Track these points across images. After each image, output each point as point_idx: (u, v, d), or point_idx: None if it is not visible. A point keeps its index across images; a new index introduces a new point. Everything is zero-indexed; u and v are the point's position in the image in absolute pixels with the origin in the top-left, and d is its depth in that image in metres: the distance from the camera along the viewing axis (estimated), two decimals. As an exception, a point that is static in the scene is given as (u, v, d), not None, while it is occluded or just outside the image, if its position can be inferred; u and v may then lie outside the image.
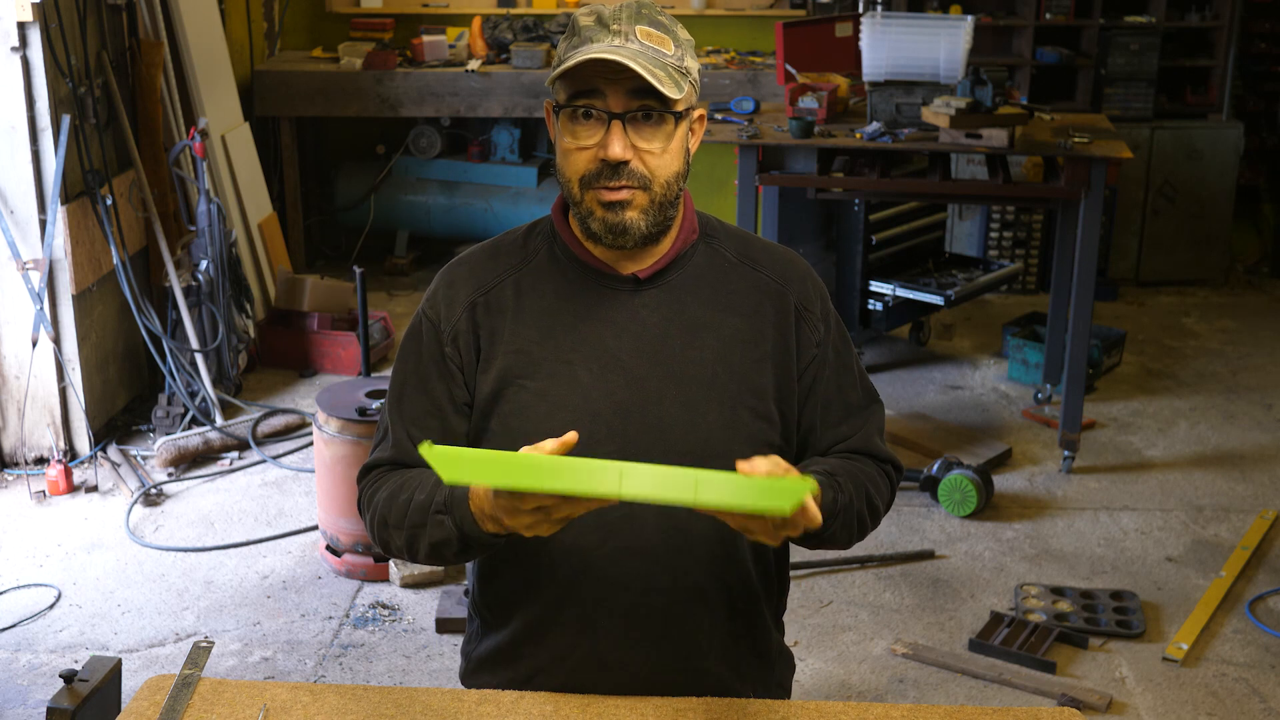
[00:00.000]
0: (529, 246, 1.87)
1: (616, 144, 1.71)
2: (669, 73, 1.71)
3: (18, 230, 4.43)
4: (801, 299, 1.88)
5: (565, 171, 1.77)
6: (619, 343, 1.80)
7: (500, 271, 1.85)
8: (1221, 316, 6.28)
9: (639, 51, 1.69)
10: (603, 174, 1.73)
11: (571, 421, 1.76)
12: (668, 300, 1.83)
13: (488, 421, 1.82)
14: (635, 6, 1.74)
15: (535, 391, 1.79)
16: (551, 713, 1.77)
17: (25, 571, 3.97)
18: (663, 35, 1.73)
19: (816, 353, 1.88)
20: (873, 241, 5.29)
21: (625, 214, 1.74)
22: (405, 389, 1.87)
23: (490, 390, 1.81)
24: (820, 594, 3.87)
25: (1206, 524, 4.32)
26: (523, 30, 6.56)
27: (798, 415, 1.88)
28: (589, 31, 1.71)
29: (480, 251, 1.90)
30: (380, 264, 6.65)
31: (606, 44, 1.70)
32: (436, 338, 1.84)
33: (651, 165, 1.74)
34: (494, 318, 1.83)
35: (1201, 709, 3.39)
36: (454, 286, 1.86)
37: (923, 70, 4.51)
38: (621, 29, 1.70)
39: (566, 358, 1.80)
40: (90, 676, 2.48)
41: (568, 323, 1.81)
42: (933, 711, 1.82)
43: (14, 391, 4.56)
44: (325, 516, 3.97)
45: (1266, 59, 6.84)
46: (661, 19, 1.75)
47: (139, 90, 5.00)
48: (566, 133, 1.74)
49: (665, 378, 1.80)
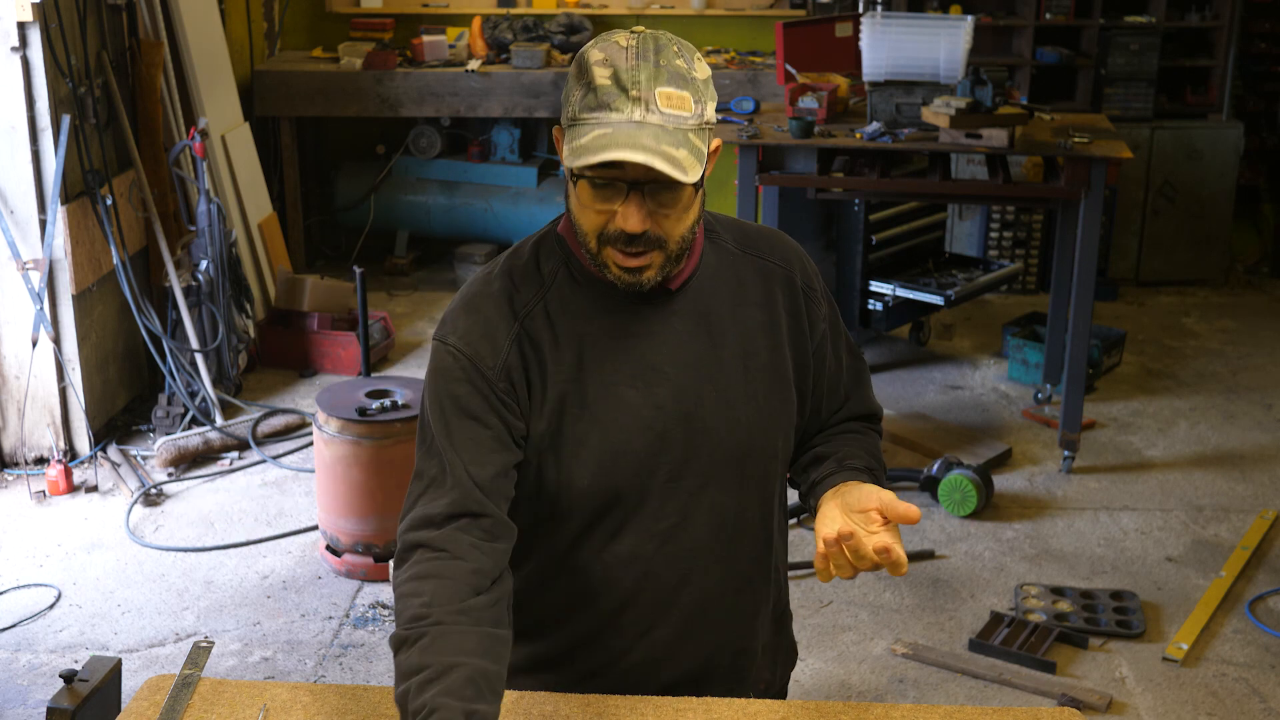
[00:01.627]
0: (544, 270, 1.80)
1: (634, 218, 1.66)
2: (690, 147, 1.64)
3: (18, 230, 4.43)
4: (805, 278, 1.91)
5: (582, 225, 1.72)
6: (658, 355, 1.79)
7: (527, 300, 1.78)
8: (1221, 316, 6.28)
9: (659, 129, 1.62)
10: (620, 238, 1.69)
11: (625, 441, 1.76)
12: (691, 305, 1.82)
13: (547, 455, 1.78)
14: (654, 58, 1.64)
15: (588, 420, 1.76)
16: (551, 713, 1.77)
17: (25, 571, 3.97)
18: (683, 94, 1.64)
19: (824, 327, 1.91)
20: (873, 241, 5.29)
21: (643, 275, 1.73)
22: (453, 426, 1.74)
23: (547, 425, 1.77)
24: (820, 594, 3.87)
25: (1206, 524, 4.32)
26: (523, 30, 6.56)
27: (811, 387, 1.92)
28: (606, 95, 1.63)
29: (496, 280, 1.81)
30: (380, 264, 6.65)
31: (625, 117, 1.62)
32: (482, 375, 1.74)
33: (668, 228, 1.70)
34: (536, 349, 1.77)
35: (1201, 709, 3.39)
36: (489, 322, 1.77)
37: (923, 70, 4.51)
38: (641, 95, 1.62)
39: (611, 379, 1.77)
40: (90, 676, 2.47)
41: (605, 344, 1.78)
42: (933, 711, 1.82)
43: (14, 391, 4.56)
44: (325, 516, 3.96)
45: (1266, 59, 6.84)
46: (679, 65, 1.66)
47: (139, 90, 5.00)
48: (583, 192, 1.69)
49: (703, 381, 1.80)
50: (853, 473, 1.83)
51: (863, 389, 2.00)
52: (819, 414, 1.96)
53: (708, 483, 1.81)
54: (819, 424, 1.97)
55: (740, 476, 1.83)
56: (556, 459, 1.76)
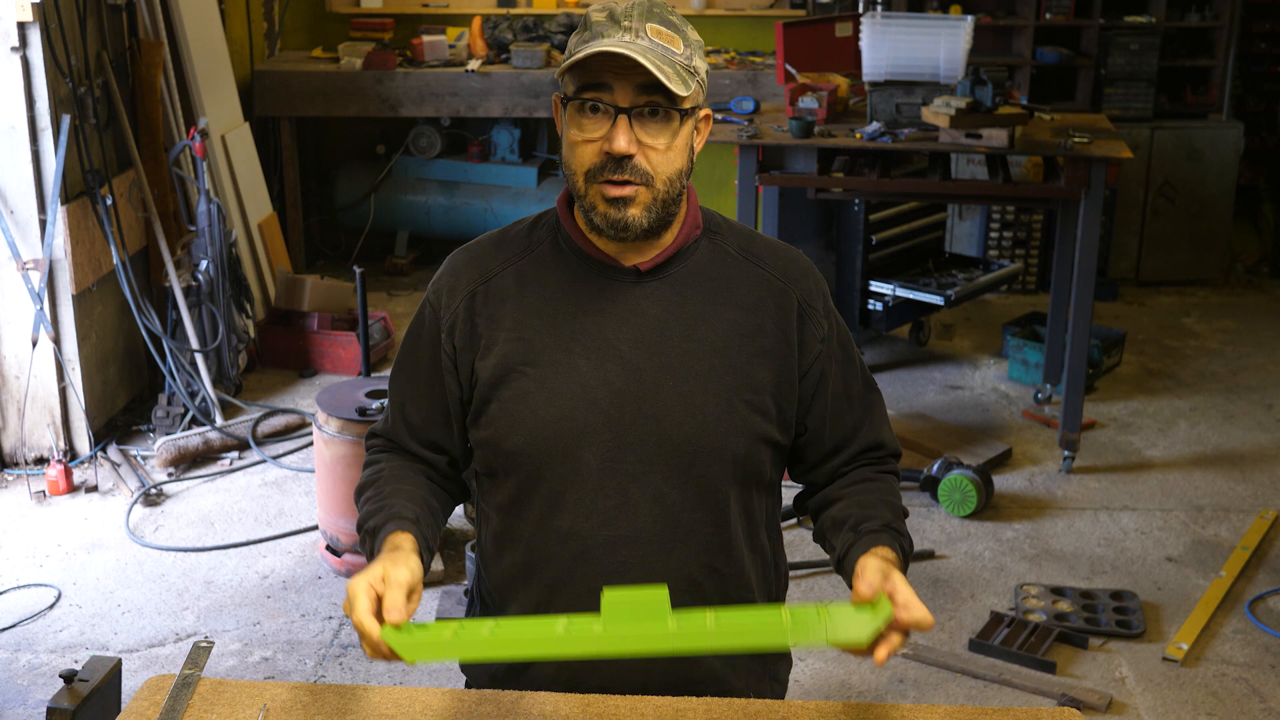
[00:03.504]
0: (533, 236, 1.90)
1: (621, 138, 1.74)
2: (677, 70, 1.74)
3: (18, 230, 4.43)
4: (804, 296, 1.90)
5: (570, 164, 1.80)
6: (618, 333, 1.83)
7: (503, 260, 1.89)
8: (1221, 316, 6.28)
9: (648, 48, 1.73)
10: (607, 167, 1.76)
11: (568, 408, 1.81)
12: (668, 293, 1.85)
13: (487, 406, 1.85)
14: (647, 5, 1.77)
15: (535, 378, 1.82)
16: (551, 713, 1.77)
17: (25, 571, 3.97)
18: (673, 34, 1.76)
19: (821, 348, 1.90)
20: (873, 241, 5.29)
21: (628, 210, 1.77)
22: (403, 371, 1.94)
23: (491, 375, 1.84)
24: (820, 594, 3.87)
25: (1206, 524, 4.32)
26: (523, 30, 6.56)
27: (806, 410, 1.91)
28: (600, 27, 1.74)
29: (487, 240, 1.93)
30: (380, 264, 6.65)
31: (617, 39, 1.72)
32: (435, 324, 1.89)
33: (655, 162, 1.77)
34: (494, 305, 1.86)
35: (1201, 709, 3.39)
36: (457, 275, 1.90)
37: (923, 70, 4.51)
38: (633, 25, 1.74)
39: (566, 346, 1.83)
40: (90, 676, 2.47)
41: (569, 312, 1.84)
42: (933, 711, 1.82)
43: (14, 391, 4.56)
44: (325, 516, 3.97)
45: (1266, 59, 6.84)
46: (672, 18, 1.78)
47: (139, 90, 5.00)
48: (573, 125, 1.77)
49: (663, 369, 1.82)
50: (872, 537, 1.82)
51: (874, 422, 1.97)
52: (820, 443, 1.93)
53: (650, 471, 1.81)
54: (822, 453, 1.94)
55: (686, 472, 1.82)
56: (500, 411, 1.84)
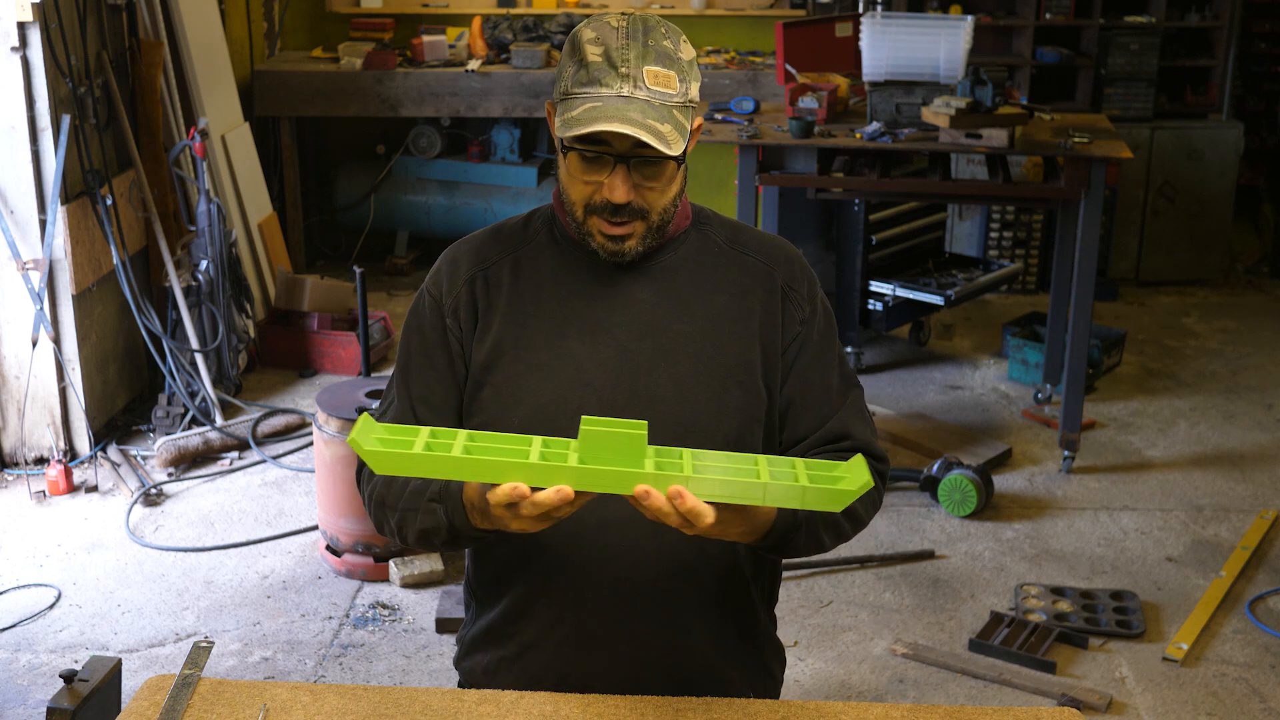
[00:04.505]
0: (529, 229, 1.95)
1: (619, 190, 1.78)
2: (674, 123, 1.74)
3: (18, 230, 4.43)
4: (788, 279, 1.93)
5: (569, 195, 1.83)
6: (611, 316, 1.87)
7: (500, 250, 1.93)
8: (1221, 316, 6.28)
9: (646, 104, 1.73)
10: (605, 209, 1.80)
11: (563, 390, 1.84)
12: (659, 279, 1.90)
13: (481, 390, 1.88)
14: (642, 37, 1.76)
15: (528, 361, 1.86)
16: (551, 713, 1.77)
17: (25, 571, 3.97)
18: (669, 72, 1.75)
19: (800, 330, 1.92)
20: (873, 241, 5.29)
21: (625, 244, 1.83)
22: (410, 362, 1.93)
23: (485, 358, 1.88)
24: (820, 594, 3.87)
25: (1206, 524, 4.32)
26: (523, 30, 6.56)
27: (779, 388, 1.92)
28: (597, 71, 1.74)
29: (483, 233, 1.98)
30: (380, 264, 6.65)
31: (614, 92, 1.72)
32: (438, 311, 1.91)
33: (651, 199, 1.81)
34: (492, 291, 1.90)
35: (1201, 709, 3.39)
36: (455, 264, 1.93)
37: (923, 70, 4.51)
38: (630, 72, 1.73)
39: (560, 329, 1.87)
40: (90, 676, 2.47)
41: (562, 296, 1.88)
42: (933, 711, 1.82)
43: (14, 391, 4.56)
44: (325, 516, 3.97)
45: (1266, 59, 6.84)
46: (666, 45, 1.77)
47: (139, 90, 5.00)
48: (573, 164, 1.80)
49: (655, 351, 1.86)
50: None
51: (847, 415, 1.93)
52: (797, 427, 1.92)
53: None
54: (794, 436, 1.93)
55: None
56: (494, 395, 1.86)
